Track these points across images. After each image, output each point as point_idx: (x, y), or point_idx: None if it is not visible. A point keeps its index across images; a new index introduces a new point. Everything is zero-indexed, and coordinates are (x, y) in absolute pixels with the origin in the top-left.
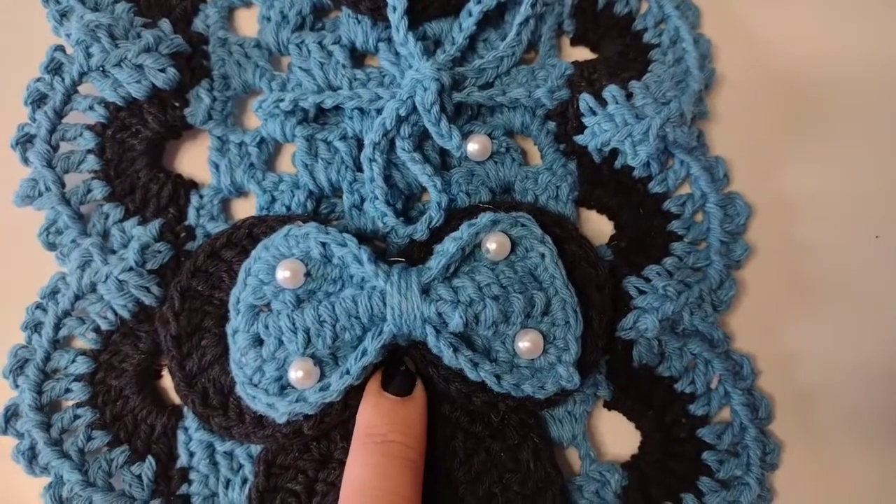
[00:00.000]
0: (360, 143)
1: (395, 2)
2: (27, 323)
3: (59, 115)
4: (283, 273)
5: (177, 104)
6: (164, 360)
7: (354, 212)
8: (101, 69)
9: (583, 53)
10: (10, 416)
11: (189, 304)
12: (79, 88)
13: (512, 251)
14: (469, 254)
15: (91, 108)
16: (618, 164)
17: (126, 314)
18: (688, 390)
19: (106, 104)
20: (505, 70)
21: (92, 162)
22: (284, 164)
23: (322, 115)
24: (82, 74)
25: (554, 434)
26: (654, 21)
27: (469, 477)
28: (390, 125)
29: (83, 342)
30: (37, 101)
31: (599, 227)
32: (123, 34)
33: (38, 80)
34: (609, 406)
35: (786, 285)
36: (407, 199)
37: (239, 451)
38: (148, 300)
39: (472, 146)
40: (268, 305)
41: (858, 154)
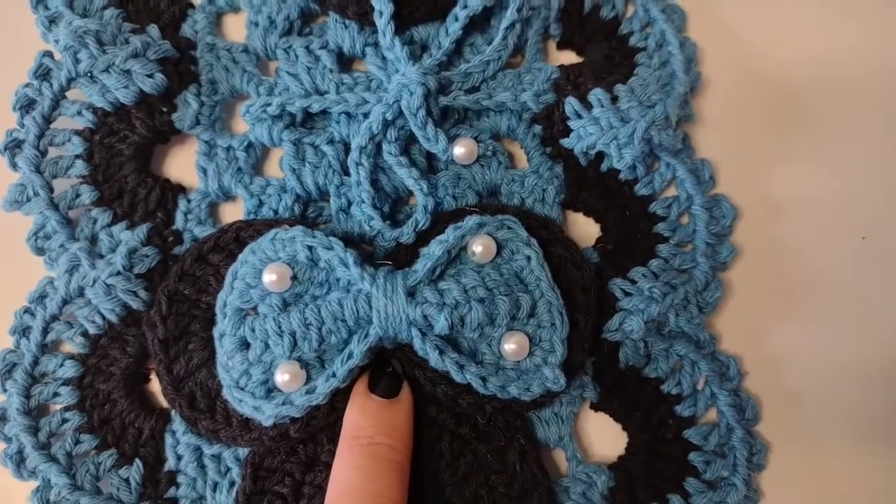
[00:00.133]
0: (347, 147)
1: (382, 7)
2: (15, 327)
3: (48, 120)
4: (269, 276)
5: (164, 109)
6: (152, 364)
7: (341, 215)
8: (89, 75)
9: (569, 57)
10: None
11: (176, 308)
12: (67, 94)
13: (498, 254)
14: (455, 257)
15: (79, 113)
16: (604, 167)
17: (114, 318)
18: (674, 391)
19: (94, 109)
20: (491, 74)
21: (80, 167)
22: (272, 169)
23: (309, 119)
24: (70, 80)
25: (540, 435)
26: (640, 25)
27: (455, 479)
28: (377, 129)
29: (71, 346)
30: (25, 106)
31: (586, 229)
32: (111, 40)
33: (27, 85)
34: (596, 407)
35: (772, 287)
36: (394, 203)
37: (226, 455)
38: (135, 304)
39: (459, 150)
40: (254, 309)
41: (844, 155)
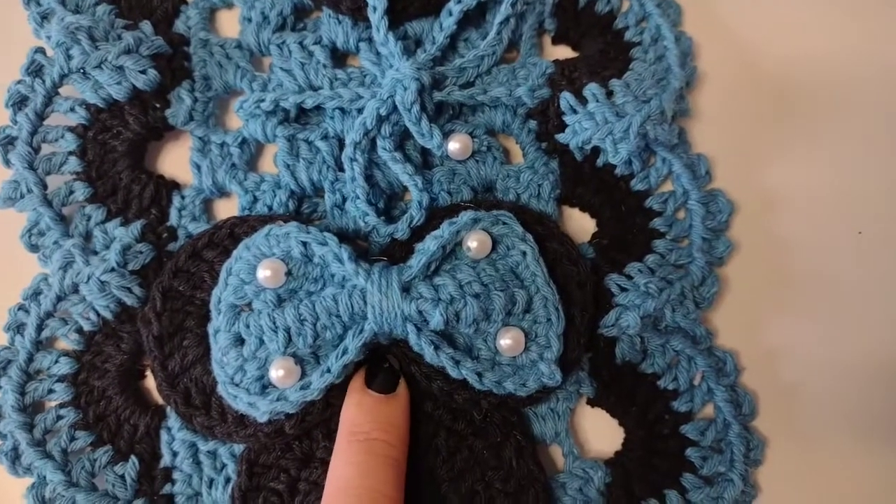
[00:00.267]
0: (341, 143)
1: (376, 2)
2: (9, 324)
3: (41, 116)
4: (264, 272)
5: (158, 105)
6: (147, 361)
7: (336, 211)
8: (81, 71)
9: (564, 52)
10: None
11: (171, 305)
12: (60, 90)
13: (493, 249)
14: (450, 252)
15: (72, 109)
16: (599, 162)
17: (108, 315)
18: (671, 387)
19: (87, 106)
20: (486, 69)
21: (73, 164)
22: (266, 165)
23: (303, 115)
24: (63, 76)
25: (537, 431)
26: (635, 19)
27: (452, 475)
28: (371, 125)
29: (66, 343)
30: (18, 103)
31: (581, 224)
32: (104, 36)
33: (19, 82)
34: (592, 403)
35: (768, 282)
36: (389, 199)
37: (222, 451)
38: (130, 301)
39: (454, 145)
40: (249, 305)
41: (841, 150)
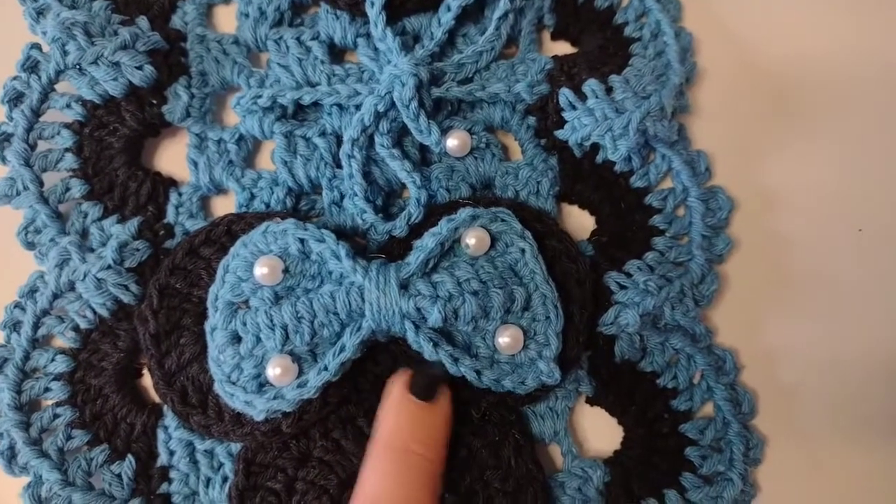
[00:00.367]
0: (339, 140)
1: None
2: (6, 322)
3: (36, 113)
4: (261, 270)
5: (154, 102)
6: (144, 359)
7: (334, 208)
8: (77, 67)
9: (563, 48)
10: None
11: (167, 302)
12: (56, 86)
13: (492, 246)
14: (448, 249)
15: (68, 106)
16: (599, 158)
17: (105, 312)
18: (670, 385)
19: (83, 102)
20: (484, 65)
21: (70, 160)
22: (263, 161)
23: (301, 111)
24: (59, 72)
25: (535, 430)
26: (635, 15)
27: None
28: (369, 121)
29: (62, 341)
30: (13, 99)
31: (581, 221)
32: (100, 31)
33: (15, 78)
34: (591, 402)
35: (769, 279)
36: (387, 196)
37: (219, 450)
38: (126, 298)
39: (452, 142)
40: (246, 302)
41: (842, 147)
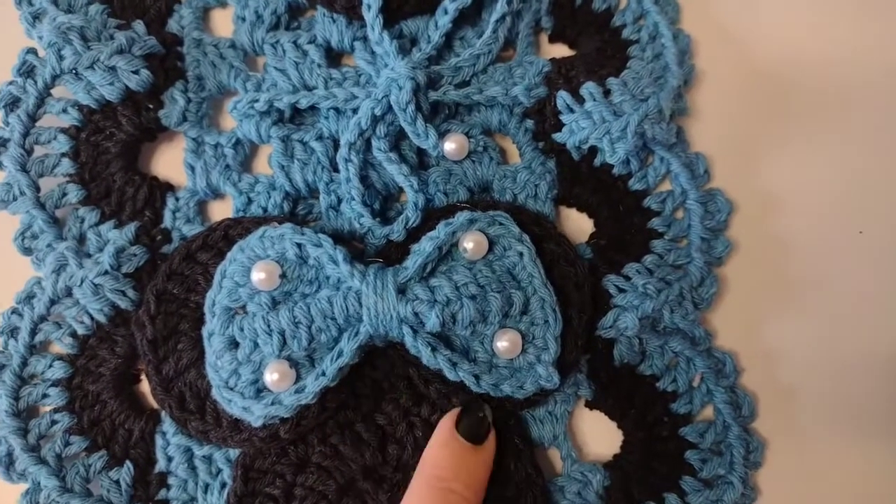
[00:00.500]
0: (336, 144)
1: (371, 0)
2: (3, 328)
3: (33, 118)
4: (258, 275)
5: (151, 106)
6: (141, 365)
7: (331, 213)
8: (73, 71)
9: (561, 50)
10: None
11: (165, 308)
12: (52, 91)
13: (490, 250)
14: (446, 253)
15: (64, 110)
16: (597, 161)
17: (102, 318)
18: (670, 389)
19: (79, 107)
20: (482, 68)
21: (66, 165)
22: (261, 166)
23: (298, 115)
24: (55, 77)
25: (535, 434)
26: (632, 17)
27: None
28: (366, 125)
29: (60, 347)
30: (9, 104)
31: (579, 225)
32: (96, 36)
33: (11, 83)
34: (590, 405)
35: (768, 282)
36: (384, 200)
37: (217, 456)
38: (124, 304)
39: (449, 145)
40: (243, 308)
41: (841, 149)
